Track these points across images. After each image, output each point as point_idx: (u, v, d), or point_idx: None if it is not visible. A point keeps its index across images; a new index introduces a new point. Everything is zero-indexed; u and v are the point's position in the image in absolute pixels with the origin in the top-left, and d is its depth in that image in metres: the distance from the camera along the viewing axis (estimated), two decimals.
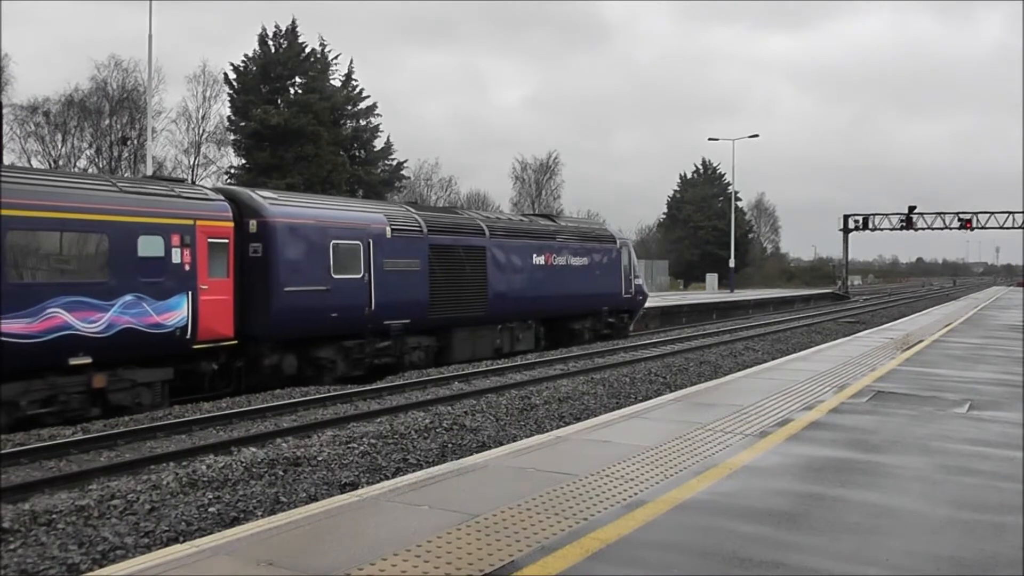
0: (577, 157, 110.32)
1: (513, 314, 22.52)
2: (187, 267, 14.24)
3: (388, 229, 18.37)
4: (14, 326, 11.75)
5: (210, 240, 14.71)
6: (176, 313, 14.01)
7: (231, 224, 15.21)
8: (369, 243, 17.70)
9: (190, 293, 14.25)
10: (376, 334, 18.01)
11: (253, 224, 15.65)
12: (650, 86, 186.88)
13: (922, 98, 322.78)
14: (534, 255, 23.29)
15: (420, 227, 19.45)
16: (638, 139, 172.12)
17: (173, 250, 14.01)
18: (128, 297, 13.26)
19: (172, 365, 14.28)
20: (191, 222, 14.36)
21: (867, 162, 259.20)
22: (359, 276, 17.43)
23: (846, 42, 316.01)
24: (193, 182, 49.78)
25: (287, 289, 15.86)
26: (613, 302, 26.97)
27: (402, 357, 18.88)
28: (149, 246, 13.65)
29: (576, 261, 25.11)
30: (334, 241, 16.93)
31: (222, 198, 15.58)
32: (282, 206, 16.47)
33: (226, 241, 15.06)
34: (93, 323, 12.76)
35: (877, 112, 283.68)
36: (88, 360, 12.75)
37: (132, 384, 13.69)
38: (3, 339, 11.60)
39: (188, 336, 14.25)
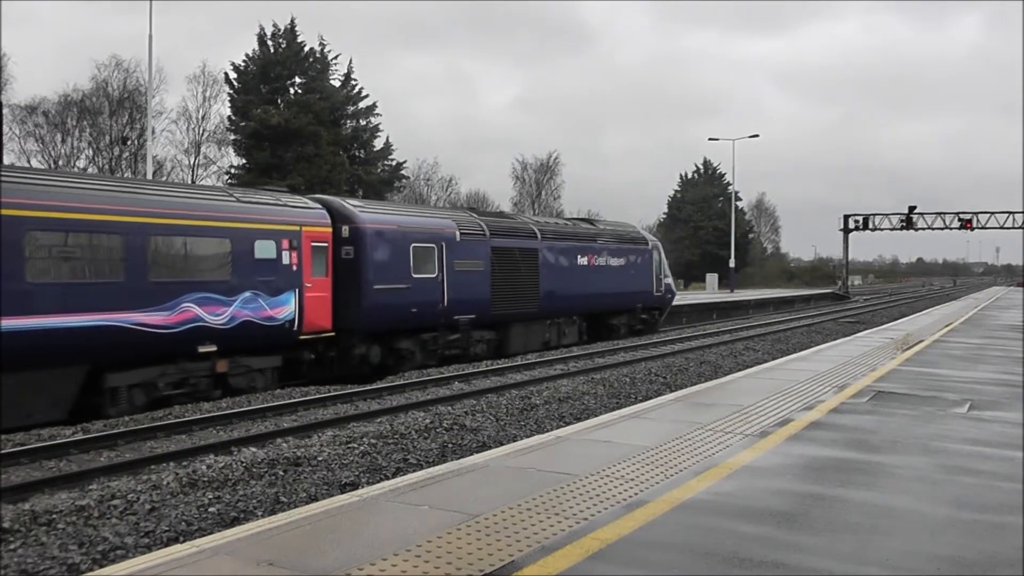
0: (568, 158, 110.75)
1: (560, 310, 24.43)
2: (294, 267, 16.09)
3: (457, 233, 20.33)
4: (155, 318, 13.46)
5: (313, 244, 16.61)
6: (286, 308, 15.86)
7: (330, 229, 17.13)
8: (442, 246, 19.65)
9: (297, 290, 16.10)
10: (447, 328, 19.89)
11: (345, 229, 17.43)
12: (635, 88, 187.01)
13: (905, 100, 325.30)
14: (578, 256, 25.21)
15: (483, 231, 21.36)
16: (628, 140, 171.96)
17: (283, 253, 15.88)
18: (247, 294, 15.05)
19: (281, 354, 16.11)
20: (297, 228, 16.30)
21: (858, 162, 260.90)
22: (434, 276, 19.34)
23: (824, 45, 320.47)
24: (194, 182, 49.98)
25: (376, 287, 17.71)
26: (646, 299, 29.02)
27: (468, 349, 20.70)
28: (264, 249, 15.53)
29: (614, 262, 27.06)
30: (413, 244, 18.82)
31: (320, 206, 17.40)
32: (370, 213, 18.38)
33: (325, 245, 16.98)
34: (218, 316, 14.54)
35: (862, 113, 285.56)
36: (213, 348, 14.51)
37: (248, 370, 15.49)
38: (146, 329, 13.28)
39: (295, 328, 16.10)
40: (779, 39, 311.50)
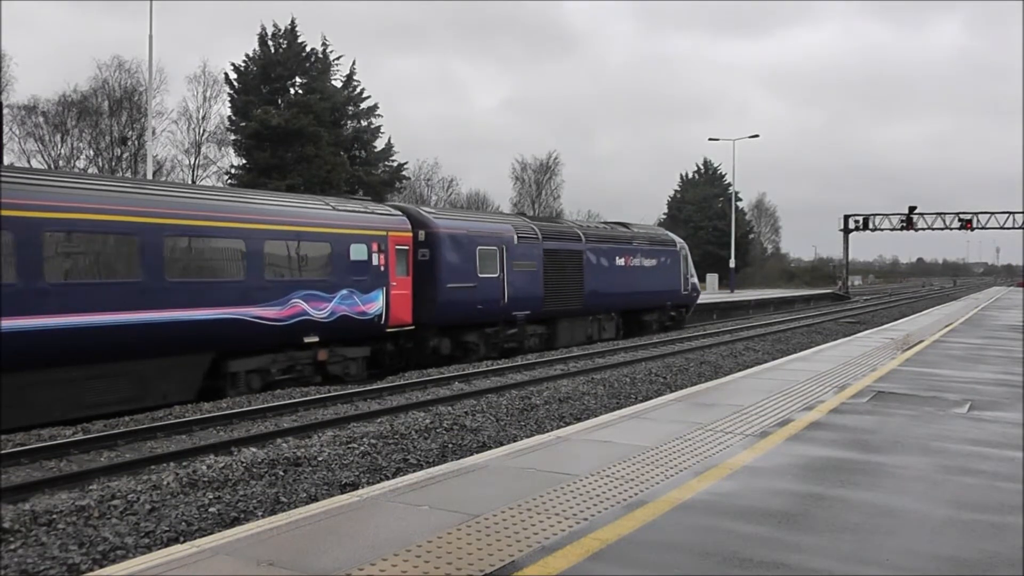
0: (562, 158, 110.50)
1: (601, 307, 26.53)
2: (382, 268, 18.08)
3: (515, 237, 22.42)
4: (269, 312, 15.34)
5: (396, 247, 18.60)
6: (376, 304, 17.83)
7: (410, 234, 19.10)
8: (503, 248, 21.74)
9: (384, 288, 18.09)
10: (506, 323, 22.01)
11: (422, 234, 19.46)
12: (624, 90, 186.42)
13: (893, 102, 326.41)
14: (617, 257, 27.25)
15: (536, 235, 23.42)
16: (620, 141, 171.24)
17: (373, 255, 17.86)
18: (344, 291, 17.00)
19: (369, 344, 18.12)
20: (384, 233, 18.32)
21: (850, 163, 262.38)
22: (496, 275, 21.40)
23: (808, 49, 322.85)
24: (194, 182, 49.96)
25: (448, 285, 19.78)
26: (674, 298, 31.24)
27: (523, 342, 22.74)
28: (358, 252, 17.47)
29: (647, 262, 29.12)
30: (479, 247, 20.89)
31: (400, 213, 19.46)
32: (443, 219, 20.57)
33: (407, 248, 18.97)
34: (321, 311, 16.44)
35: (851, 115, 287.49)
36: (316, 339, 16.42)
37: (344, 359, 17.42)
38: (262, 321, 15.13)
39: (383, 322, 18.10)
40: (763, 43, 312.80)
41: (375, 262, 17.82)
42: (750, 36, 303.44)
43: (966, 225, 64.34)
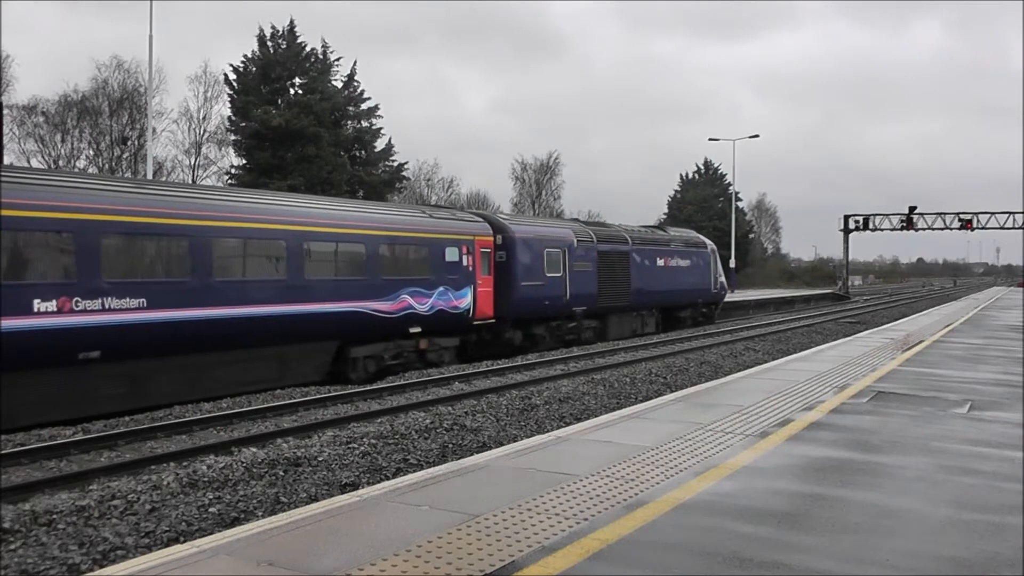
0: (560, 158, 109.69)
1: (644, 304, 29.22)
2: (470, 268, 20.58)
3: (575, 240, 24.90)
4: (384, 306, 17.76)
5: (481, 249, 21.18)
6: (466, 299, 20.32)
7: (491, 238, 21.74)
8: (565, 250, 24.28)
9: (472, 286, 20.57)
10: (567, 317, 24.50)
11: (500, 238, 22.05)
12: (614, 93, 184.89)
13: (886, 103, 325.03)
14: (658, 259, 29.80)
15: (592, 238, 25.92)
16: (612, 142, 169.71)
17: (463, 257, 20.39)
18: (441, 288, 19.42)
19: (459, 336, 20.61)
20: (472, 237, 20.98)
21: (847, 163, 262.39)
22: (560, 275, 23.91)
23: (798, 51, 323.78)
24: (194, 182, 49.97)
25: (522, 284, 22.35)
26: (705, 295, 33.99)
27: (580, 335, 25.22)
28: (451, 254, 20.01)
29: (683, 263, 31.73)
30: (546, 249, 23.46)
31: (482, 220, 22.32)
32: (517, 225, 23.36)
33: (489, 250, 21.63)
34: (423, 305, 18.84)
35: (847, 116, 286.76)
36: (419, 330, 18.82)
37: (439, 348, 19.83)
38: (378, 314, 17.56)
39: (471, 315, 20.64)
40: (751, 46, 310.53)
41: (464, 263, 20.30)
42: (737, 39, 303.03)
43: (966, 225, 64.24)
